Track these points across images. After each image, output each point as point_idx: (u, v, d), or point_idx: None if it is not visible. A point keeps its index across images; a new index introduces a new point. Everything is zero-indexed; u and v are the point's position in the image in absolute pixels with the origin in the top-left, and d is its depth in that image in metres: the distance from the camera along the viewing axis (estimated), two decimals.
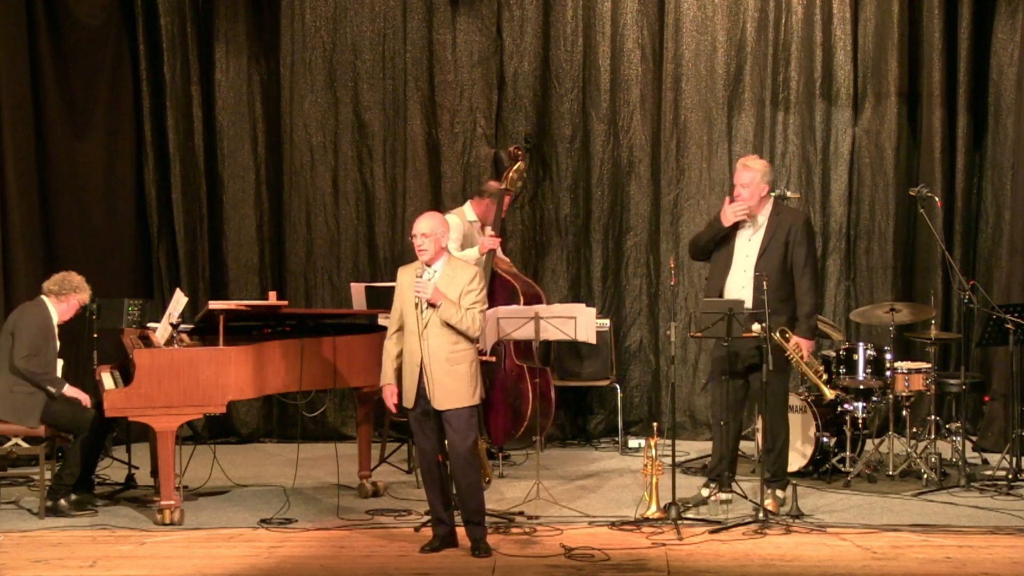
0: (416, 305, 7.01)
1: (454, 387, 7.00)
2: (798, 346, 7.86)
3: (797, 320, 7.95)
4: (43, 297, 8.18)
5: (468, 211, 9.50)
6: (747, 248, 8.06)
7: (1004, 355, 9.27)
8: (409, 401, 7.08)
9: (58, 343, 8.16)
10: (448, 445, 7.06)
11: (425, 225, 7.05)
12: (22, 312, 8.17)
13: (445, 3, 10.69)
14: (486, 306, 7.17)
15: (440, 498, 7.15)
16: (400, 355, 7.15)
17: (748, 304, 7.81)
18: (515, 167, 9.64)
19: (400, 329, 7.15)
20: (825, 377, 8.00)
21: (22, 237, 9.68)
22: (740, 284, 8.01)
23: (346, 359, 8.24)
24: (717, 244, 8.15)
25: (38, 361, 7.96)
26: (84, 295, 8.26)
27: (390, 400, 7.17)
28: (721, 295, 8.03)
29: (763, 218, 8.06)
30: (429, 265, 7.04)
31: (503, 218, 9.63)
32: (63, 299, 8.17)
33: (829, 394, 8.16)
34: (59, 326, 8.18)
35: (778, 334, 7.72)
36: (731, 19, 10.59)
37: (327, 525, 7.71)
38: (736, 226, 8.08)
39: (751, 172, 8.02)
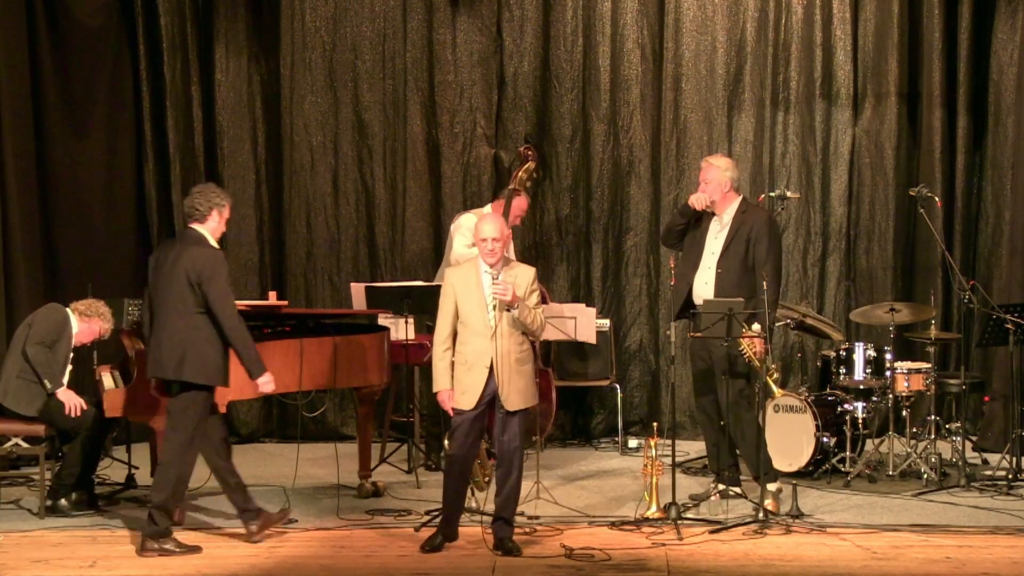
0: (493, 307, 6.98)
1: (523, 387, 7.04)
2: (752, 342, 7.84)
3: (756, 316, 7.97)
4: (68, 310, 8.22)
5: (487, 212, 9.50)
6: (713, 245, 8.10)
7: (1004, 355, 9.26)
8: (471, 402, 7.02)
9: (71, 354, 8.17)
10: (503, 444, 7.05)
11: (495, 229, 7.00)
12: (45, 308, 8.24)
13: (445, 3, 10.69)
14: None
15: (459, 502, 7.18)
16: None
17: None
18: (525, 167, 9.62)
19: (451, 334, 7.09)
20: (776, 376, 7.98)
21: (22, 237, 9.65)
22: (704, 280, 8.06)
23: (346, 359, 8.24)
24: (690, 239, 8.18)
25: (45, 353, 7.97)
26: (106, 325, 8.32)
27: (448, 404, 7.09)
28: (689, 291, 8.09)
29: (728, 216, 8.09)
30: (493, 267, 7.03)
31: (522, 218, 9.62)
32: (86, 320, 8.21)
33: (777, 393, 8.14)
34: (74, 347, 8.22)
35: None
36: (731, 19, 10.59)
37: (327, 525, 7.71)
38: (707, 224, 8.10)
39: (714, 169, 8.09)
